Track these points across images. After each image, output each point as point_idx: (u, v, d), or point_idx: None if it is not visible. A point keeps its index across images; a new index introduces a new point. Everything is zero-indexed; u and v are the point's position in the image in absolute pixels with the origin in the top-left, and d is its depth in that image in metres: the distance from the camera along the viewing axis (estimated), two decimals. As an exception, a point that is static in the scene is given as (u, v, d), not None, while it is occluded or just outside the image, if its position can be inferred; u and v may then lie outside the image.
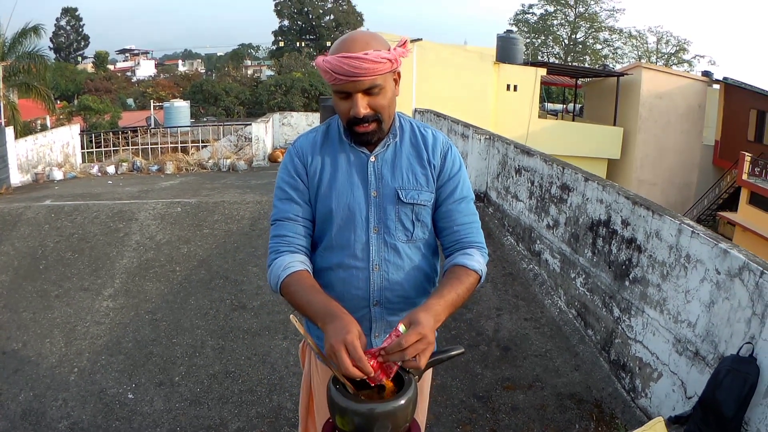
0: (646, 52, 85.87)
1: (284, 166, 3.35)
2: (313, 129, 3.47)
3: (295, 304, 3.03)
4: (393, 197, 3.24)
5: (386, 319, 3.35)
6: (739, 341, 5.11)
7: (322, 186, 3.26)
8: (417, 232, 3.32)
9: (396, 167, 3.29)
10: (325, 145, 3.34)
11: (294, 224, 3.26)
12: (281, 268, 3.11)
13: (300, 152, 3.34)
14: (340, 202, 3.22)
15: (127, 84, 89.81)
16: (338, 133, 3.34)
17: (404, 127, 3.40)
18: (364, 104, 3.03)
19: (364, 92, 3.02)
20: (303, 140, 3.40)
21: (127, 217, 13.05)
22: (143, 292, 9.98)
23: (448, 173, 3.37)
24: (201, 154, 25.79)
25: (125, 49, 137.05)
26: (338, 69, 2.91)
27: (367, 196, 3.24)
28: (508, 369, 7.61)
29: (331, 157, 3.30)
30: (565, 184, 9.18)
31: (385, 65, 3.00)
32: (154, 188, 17.91)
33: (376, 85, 3.02)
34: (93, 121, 53.51)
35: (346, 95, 3.03)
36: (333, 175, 3.27)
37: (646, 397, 6.59)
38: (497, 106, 41.96)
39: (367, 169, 3.26)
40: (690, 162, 45.13)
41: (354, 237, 3.24)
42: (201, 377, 7.67)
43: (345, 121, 3.14)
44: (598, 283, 7.94)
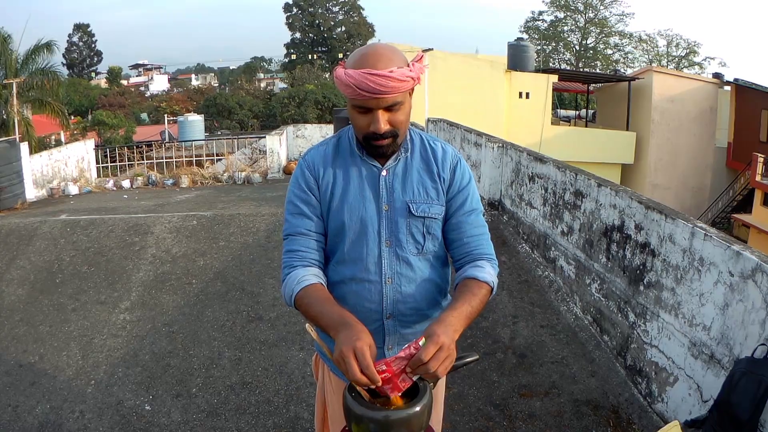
0: (656, 55, 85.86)
1: (295, 180, 3.39)
2: (324, 141, 3.49)
3: (309, 316, 3.09)
4: (404, 211, 3.28)
5: (399, 332, 3.40)
6: (753, 343, 5.10)
7: (334, 200, 3.30)
8: (428, 244, 3.35)
9: (407, 181, 3.32)
10: (336, 158, 3.36)
11: (306, 239, 3.33)
12: (295, 282, 3.19)
13: (311, 165, 3.36)
14: (352, 216, 3.27)
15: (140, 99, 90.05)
16: (349, 146, 3.37)
17: (414, 141, 3.42)
18: (384, 120, 3.06)
19: (385, 109, 3.04)
20: (314, 153, 3.42)
21: (143, 231, 13.07)
22: (160, 305, 10.01)
23: (457, 186, 3.41)
24: (216, 168, 25.85)
25: (138, 64, 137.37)
26: (362, 85, 2.91)
27: (378, 210, 3.27)
28: (525, 376, 7.60)
29: (342, 171, 3.33)
30: (578, 191, 9.18)
31: (408, 83, 3.03)
32: (169, 202, 17.98)
33: (397, 102, 3.04)
34: (107, 136, 53.69)
35: (365, 110, 3.05)
36: (345, 188, 3.30)
37: (662, 401, 6.57)
38: (510, 114, 41.98)
39: (379, 182, 3.30)
40: (703, 165, 45.08)
41: (366, 251, 3.28)
42: (218, 388, 7.69)
43: (362, 135, 3.17)
44: (613, 288, 7.94)
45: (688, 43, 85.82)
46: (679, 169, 44.22)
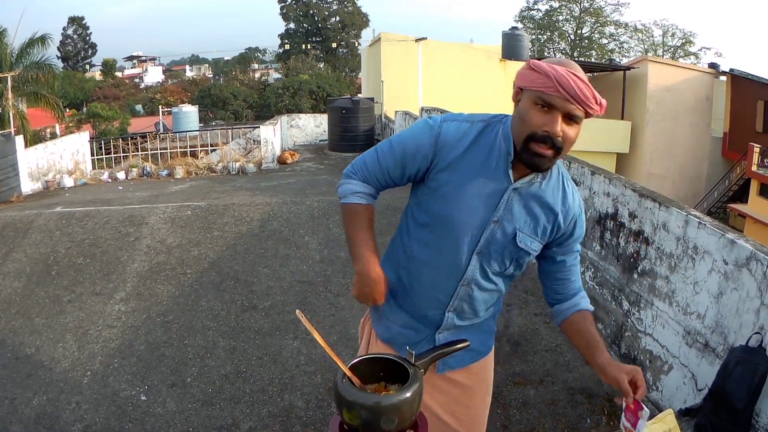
0: (652, 45, 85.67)
1: (410, 134, 3.29)
2: (467, 117, 3.27)
3: (346, 231, 3.38)
4: (509, 235, 3.22)
5: (454, 324, 3.43)
6: (748, 332, 5.12)
7: (448, 186, 3.16)
8: (510, 269, 3.35)
9: (528, 208, 3.22)
10: (476, 144, 3.17)
11: (380, 178, 3.35)
12: (351, 190, 3.36)
13: (443, 137, 3.17)
14: (461, 215, 3.17)
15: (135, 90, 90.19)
16: (494, 142, 3.16)
17: (553, 171, 3.25)
18: (562, 126, 2.92)
19: (566, 117, 2.92)
20: (453, 127, 3.20)
21: (138, 222, 13.09)
22: (154, 295, 10.02)
23: (572, 237, 3.39)
24: (210, 158, 25.85)
25: (133, 56, 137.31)
26: (563, 81, 2.83)
27: (486, 221, 3.18)
28: (519, 364, 7.63)
29: (474, 164, 3.15)
30: (572, 178, 9.11)
31: (595, 108, 2.96)
32: (164, 192, 17.96)
33: (578, 116, 2.94)
34: (102, 128, 53.76)
35: (547, 108, 2.90)
36: (467, 184, 3.15)
37: (657, 390, 6.60)
38: (505, 103, 41.76)
39: (502, 196, 3.16)
40: (699, 154, 45.04)
41: (458, 250, 3.22)
42: (213, 378, 7.72)
43: (528, 133, 2.96)
44: (607, 276, 7.97)
45: (684, 33, 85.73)
46: (675, 159, 44.19)
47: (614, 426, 6.37)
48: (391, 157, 3.27)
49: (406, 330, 3.47)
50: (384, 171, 3.30)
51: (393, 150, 3.27)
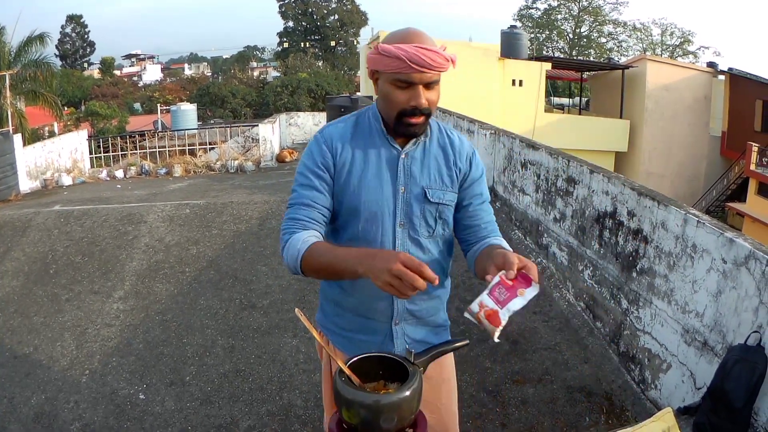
0: (650, 44, 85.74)
1: (310, 154, 3.36)
2: (341, 119, 3.49)
3: (324, 266, 3.04)
4: (420, 195, 3.33)
5: (406, 308, 3.45)
6: (746, 331, 5.10)
7: (351, 178, 3.30)
8: (438, 229, 3.42)
9: (425, 166, 3.37)
10: (355, 137, 3.37)
11: (311, 210, 3.27)
12: (299, 242, 3.11)
13: (329, 141, 3.34)
14: (369, 197, 3.28)
15: (133, 89, 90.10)
16: (369, 126, 3.38)
17: (432, 128, 3.46)
18: (424, 96, 3.10)
19: (425, 86, 3.10)
20: (332, 129, 3.41)
21: (136, 220, 13.10)
22: (153, 294, 10.02)
23: (473, 178, 3.54)
24: (209, 156, 25.83)
25: (131, 54, 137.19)
26: (414, 58, 2.98)
27: (395, 192, 3.30)
28: (518, 363, 7.61)
29: (361, 150, 3.34)
30: (570, 177, 9.20)
31: (448, 65, 3.15)
32: (162, 191, 17.98)
33: (436, 80, 3.15)
34: (100, 126, 53.73)
35: (406, 85, 3.09)
36: (363, 168, 3.31)
37: (655, 388, 6.59)
38: (503, 101, 41.90)
39: (398, 165, 3.32)
40: (698, 153, 45.07)
41: (381, 231, 3.31)
42: (211, 376, 7.71)
43: (397, 111, 3.16)
44: (606, 275, 7.96)
45: (683, 32, 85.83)
46: (674, 158, 44.22)
47: (613, 425, 6.38)
48: (310, 188, 3.32)
49: (360, 335, 3.52)
50: (315, 206, 3.30)
51: (308, 180, 3.33)
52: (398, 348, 3.47)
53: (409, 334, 3.51)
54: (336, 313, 3.53)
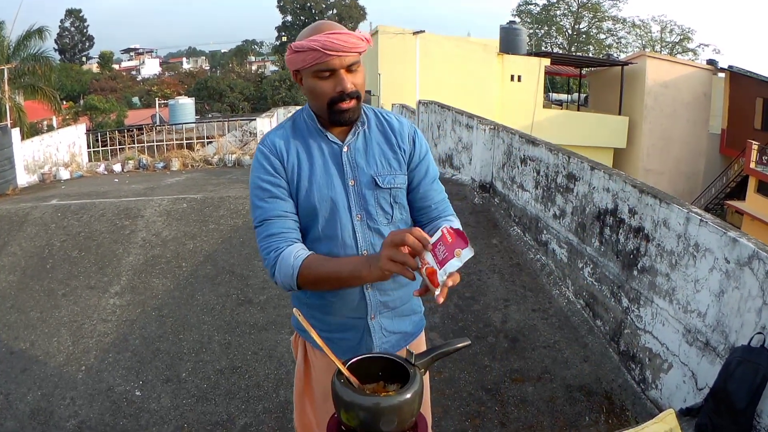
0: (650, 41, 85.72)
1: (259, 166, 3.34)
2: (279, 125, 3.50)
3: (326, 276, 3.07)
4: (371, 184, 3.35)
5: (379, 300, 3.44)
6: (749, 331, 5.08)
7: (302, 180, 3.30)
8: (396, 213, 3.43)
9: (369, 155, 3.39)
10: (295, 139, 3.37)
11: (284, 220, 3.27)
12: (291, 258, 3.10)
13: (273, 148, 3.33)
14: (322, 195, 3.29)
15: (132, 83, 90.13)
16: (306, 126, 3.40)
17: (369, 115, 3.47)
18: (349, 79, 3.12)
19: (347, 69, 3.11)
20: (273, 136, 3.41)
21: (133, 215, 13.05)
22: (150, 289, 9.98)
23: (419, 156, 3.52)
24: (206, 150, 25.93)
25: (130, 49, 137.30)
26: (328, 44, 2.99)
27: (345, 186, 3.32)
28: (517, 361, 7.57)
29: (305, 151, 3.34)
30: (571, 174, 9.16)
31: (364, 44, 3.13)
32: (159, 185, 17.94)
33: (357, 62, 3.14)
34: (99, 120, 53.70)
35: (329, 74, 3.10)
36: (311, 168, 3.31)
37: (656, 388, 6.56)
38: (502, 96, 42.00)
39: (342, 159, 3.34)
40: (697, 151, 45.14)
41: (340, 226, 3.30)
42: (208, 373, 7.67)
43: (327, 101, 3.17)
44: (606, 272, 7.92)
45: (682, 30, 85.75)
46: (673, 155, 44.30)
47: (613, 424, 6.35)
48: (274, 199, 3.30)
49: (338, 333, 3.49)
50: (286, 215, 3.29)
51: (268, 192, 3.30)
52: (377, 343, 3.48)
53: (386, 327, 3.51)
54: (311, 315, 3.47)
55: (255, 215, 3.32)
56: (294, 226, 3.28)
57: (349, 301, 3.38)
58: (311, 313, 3.47)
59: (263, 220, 3.28)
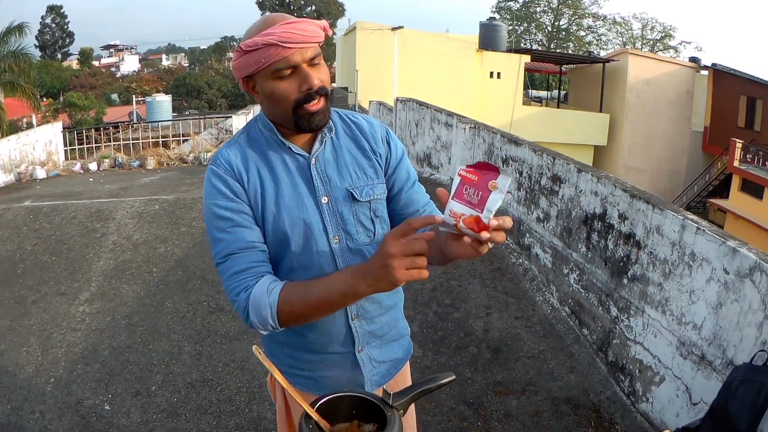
0: (630, 38, 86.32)
1: (214, 190, 2.84)
2: (231, 140, 3.02)
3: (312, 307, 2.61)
4: (347, 199, 2.91)
5: (366, 330, 3.05)
6: (749, 346, 4.88)
7: (268, 204, 2.83)
8: (378, 229, 3.00)
9: (340, 165, 2.95)
10: (254, 155, 2.90)
11: (251, 252, 2.79)
12: (264, 294, 2.64)
13: (229, 168, 2.84)
14: (293, 219, 2.83)
15: (111, 79, 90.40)
16: (264, 138, 2.94)
17: (335, 120, 3.03)
18: (315, 75, 2.71)
19: (309, 64, 2.70)
20: (227, 155, 2.90)
21: (105, 217, 12.89)
22: (119, 296, 9.75)
23: (396, 158, 3.11)
24: (182, 149, 26.03)
25: (109, 45, 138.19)
26: (286, 36, 2.60)
27: (317, 204, 2.87)
28: (500, 372, 7.34)
29: (267, 168, 2.88)
30: (556, 176, 8.96)
31: (322, 34, 2.76)
32: (133, 185, 17.88)
33: (318, 54, 2.75)
34: (78, 117, 53.59)
35: (290, 71, 2.68)
36: (276, 188, 2.85)
37: (647, 401, 6.37)
38: (481, 93, 42.12)
39: (311, 173, 2.89)
40: (679, 148, 45.51)
41: (316, 252, 2.86)
42: (178, 386, 7.40)
43: (292, 104, 2.72)
44: (594, 280, 7.71)
45: (664, 27, 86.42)
46: (654, 152, 44.65)
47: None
48: (236, 228, 2.81)
49: (322, 372, 3.10)
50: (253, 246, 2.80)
51: (229, 222, 2.81)
52: (368, 376, 3.11)
53: (375, 358, 3.14)
54: (288, 354, 3.10)
55: (216, 250, 2.84)
56: (264, 258, 2.82)
57: (332, 336, 3.00)
58: (289, 353, 3.09)
59: (227, 255, 2.79)
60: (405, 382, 3.34)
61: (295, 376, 3.06)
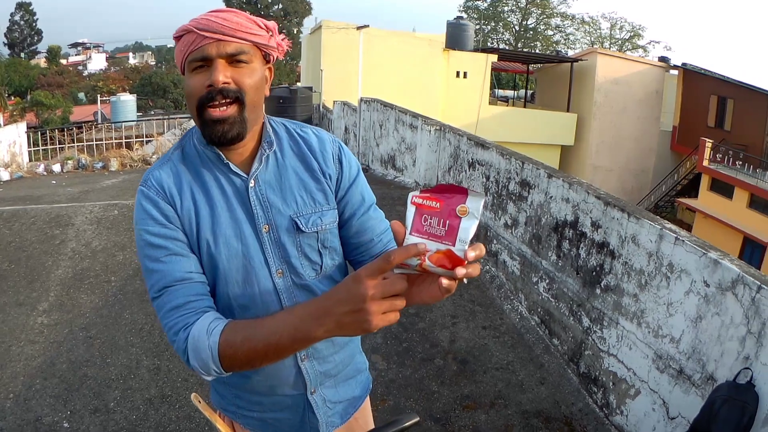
0: (599, 38, 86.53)
1: (145, 214, 2.46)
2: (164, 157, 2.63)
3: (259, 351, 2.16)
4: (291, 228, 2.54)
5: (319, 371, 2.72)
6: (731, 361, 4.73)
7: (203, 232, 2.46)
8: (326, 261, 2.63)
9: (284, 188, 2.56)
10: (188, 176, 2.52)
11: (189, 285, 2.39)
12: (205, 334, 2.25)
13: (161, 191, 2.46)
14: (231, 250, 2.48)
15: (78, 78, 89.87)
16: (198, 154, 2.56)
17: (279, 133, 2.65)
18: (225, 73, 2.32)
19: (228, 60, 2.33)
20: (159, 175, 2.52)
21: (64, 222, 12.62)
22: (78, 306, 9.46)
23: (349, 179, 2.70)
24: (145, 150, 25.89)
25: (77, 43, 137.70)
26: (204, 23, 2.29)
27: (257, 234, 2.51)
28: (468, 385, 7.14)
29: (202, 191, 2.50)
30: (525, 181, 8.78)
31: (260, 32, 2.39)
32: (94, 188, 17.69)
33: (243, 51, 2.35)
34: (45, 116, 53.32)
35: (203, 62, 2.33)
36: (212, 214, 2.48)
37: (621, 414, 6.21)
38: (447, 93, 41.96)
39: (249, 197, 2.51)
40: (647, 148, 45.68)
41: (258, 289, 2.50)
42: (137, 402, 7.13)
43: (195, 104, 2.37)
44: (565, 289, 7.55)
45: (633, 26, 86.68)
46: (622, 152, 44.79)
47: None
48: (172, 257, 2.42)
49: (272, 413, 2.79)
50: (190, 277, 2.41)
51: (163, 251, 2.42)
52: (323, 419, 2.80)
53: (330, 399, 2.81)
54: (236, 395, 2.77)
55: (151, 283, 2.44)
56: (204, 291, 2.43)
57: (281, 378, 2.67)
58: (235, 393, 2.76)
59: (162, 288, 2.39)
60: (365, 420, 3.05)
61: (244, 417, 2.81)
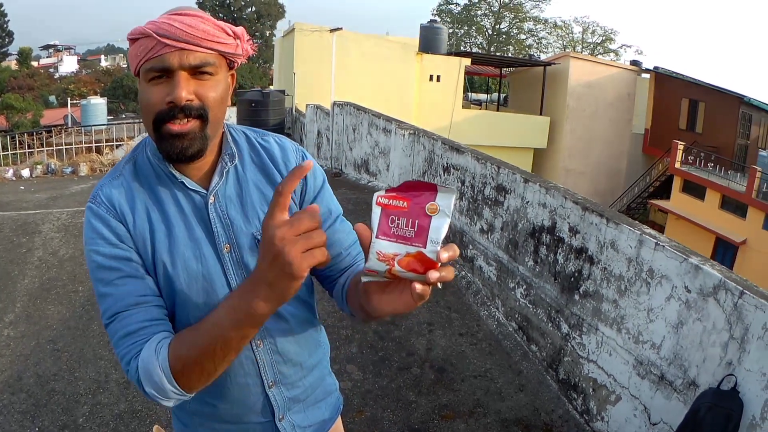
0: (571, 42, 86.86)
1: (95, 234, 2.21)
2: (115, 170, 2.36)
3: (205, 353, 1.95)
4: (254, 247, 2.32)
5: (287, 397, 2.53)
6: (713, 366, 4.67)
7: (159, 253, 2.22)
8: None
9: (246, 204, 2.34)
10: (141, 192, 2.27)
11: (143, 309, 2.15)
12: (153, 355, 2.01)
13: (111, 208, 2.20)
14: (190, 272, 2.24)
15: (49, 81, 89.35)
16: (152, 168, 2.30)
17: (240, 143, 2.43)
18: (188, 88, 2.07)
19: (191, 72, 2.08)
20: (108, 192, 2.26)
21: (31, 230, 12.42)
22: (45, 318, 9.24)
23: (313, 190, 2.49)
24: (115, 154, 25.74)
25: (49, 45, 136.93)
26: (164, 28, 2.02)
27: (218, 254, 2.28)
28: (445, 394, 7.00)
29: (157, 208, 2.25)
30: (501, 185, 8.68)
31: (227, 40, 2.14)
32: (63, 194, 17.55)
33: (208, 63, 2.10)
34: (15, 120, 53.02)
35: (163, 73, 2.07)
36: (169, 234, 2.24)
37: (602, 420, 6.13)
38: (420, 97, 41.93)
39: (208, 214, 2.28)
40: (619, 150, 45.97)
41: None
42: (106, 418, 6.92)
43: (153, 116, 2.11)
44: (542, 295, 7.46)
45: (605, 31, 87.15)
46: (595, 154, 45.04)
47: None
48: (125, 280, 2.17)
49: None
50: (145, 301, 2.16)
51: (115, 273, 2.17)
52: None
53: (299, 424, 2.62)
54: (200, 423, 2.56)
55: (103, 308, 2.20)
56: (159, 315, 2.19)
57: (247, 406, 2.47)
58: (201, 422, 2.55)
59: (115, 314, 2.15)
60: None
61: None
